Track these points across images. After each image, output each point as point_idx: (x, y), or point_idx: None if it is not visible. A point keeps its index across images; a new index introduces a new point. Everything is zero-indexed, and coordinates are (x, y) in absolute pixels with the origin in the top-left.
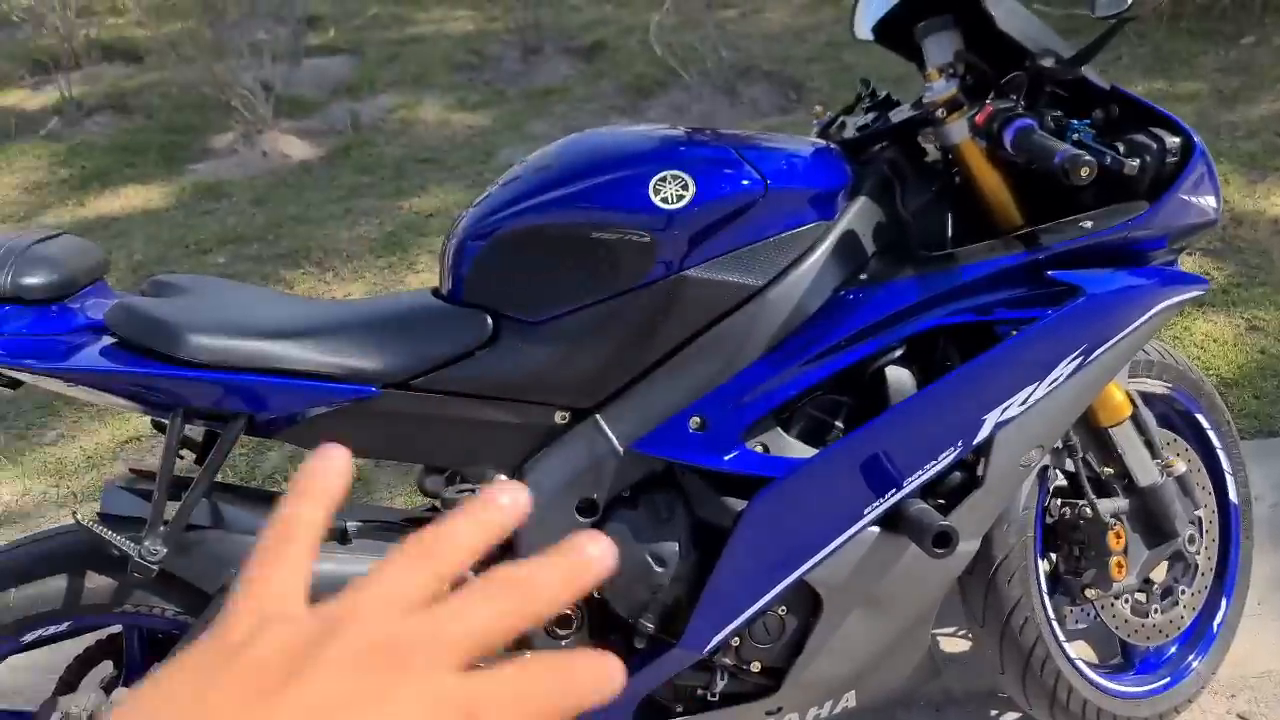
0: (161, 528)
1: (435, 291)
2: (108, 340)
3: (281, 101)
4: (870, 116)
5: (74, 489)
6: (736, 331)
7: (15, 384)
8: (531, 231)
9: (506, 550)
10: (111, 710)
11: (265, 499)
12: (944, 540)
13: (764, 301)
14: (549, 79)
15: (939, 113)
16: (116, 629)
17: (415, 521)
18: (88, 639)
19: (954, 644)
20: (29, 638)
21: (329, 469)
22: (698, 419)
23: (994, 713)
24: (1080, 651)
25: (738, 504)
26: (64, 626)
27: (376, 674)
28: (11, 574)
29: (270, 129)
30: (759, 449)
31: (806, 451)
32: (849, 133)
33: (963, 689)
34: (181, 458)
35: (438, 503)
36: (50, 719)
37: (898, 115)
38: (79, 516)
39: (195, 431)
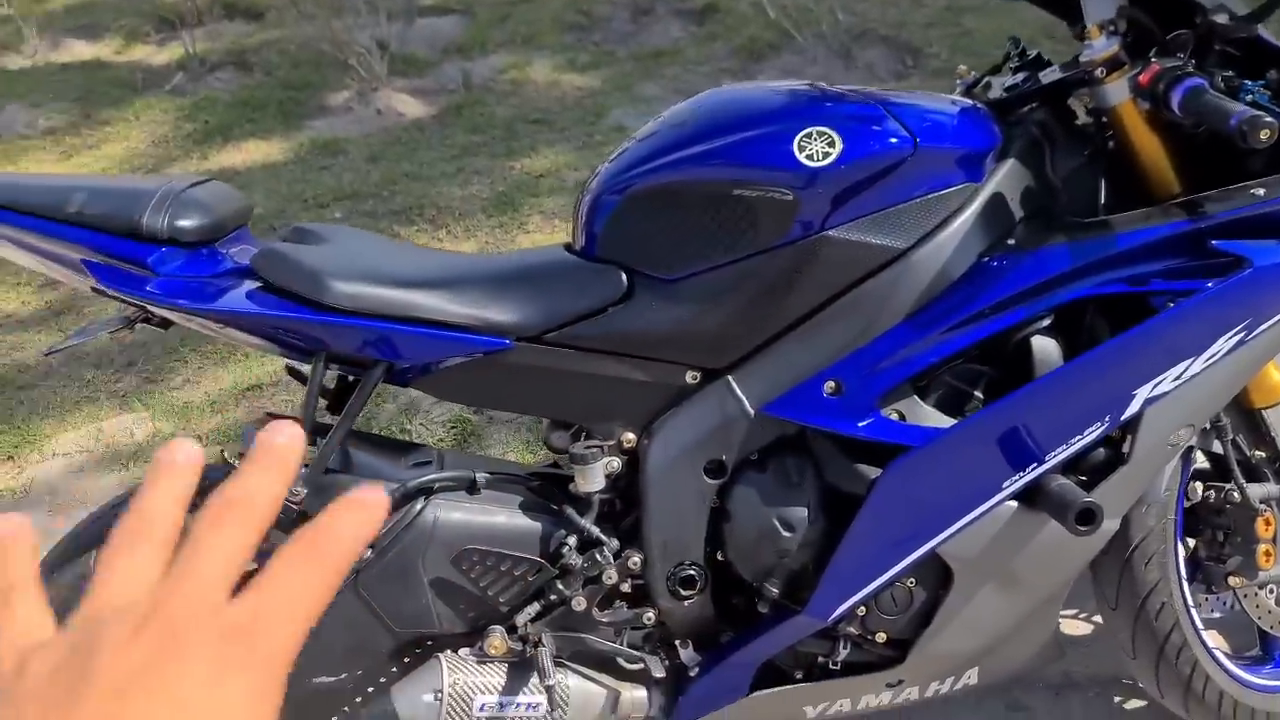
0: (303, 470)
1: (568, 247)
2: (254, 284)
3: (396, 60)
4: (1019, 77)
5: (200, 431)
6: (877, 295)
7: (166, 324)
8: (669, 187)
9: (632, 506)
10: None
11: (396, 447)
12: (1088, 518)
13: (907, 265)
14: (660, 41)
15: (1098, 72)
16: (250, 566)
17: (541, 477)
18: None
19: (1076, 627)
20: None
21: (177, 459)
22: (833, 383)
23: (1116, 699)
24: (1215, 641)
25: (871, 472)
26: None
27: (154, 660)
28: None
29: (385, 87)
30: (894, 416)
31: (944, 421)
32: (995, 93)
33: (1084, 673)
34: (305, 405)
35: (564, 458)
36: None
37: (1048, 76)
38: (226, 455)
39: (328, 379)
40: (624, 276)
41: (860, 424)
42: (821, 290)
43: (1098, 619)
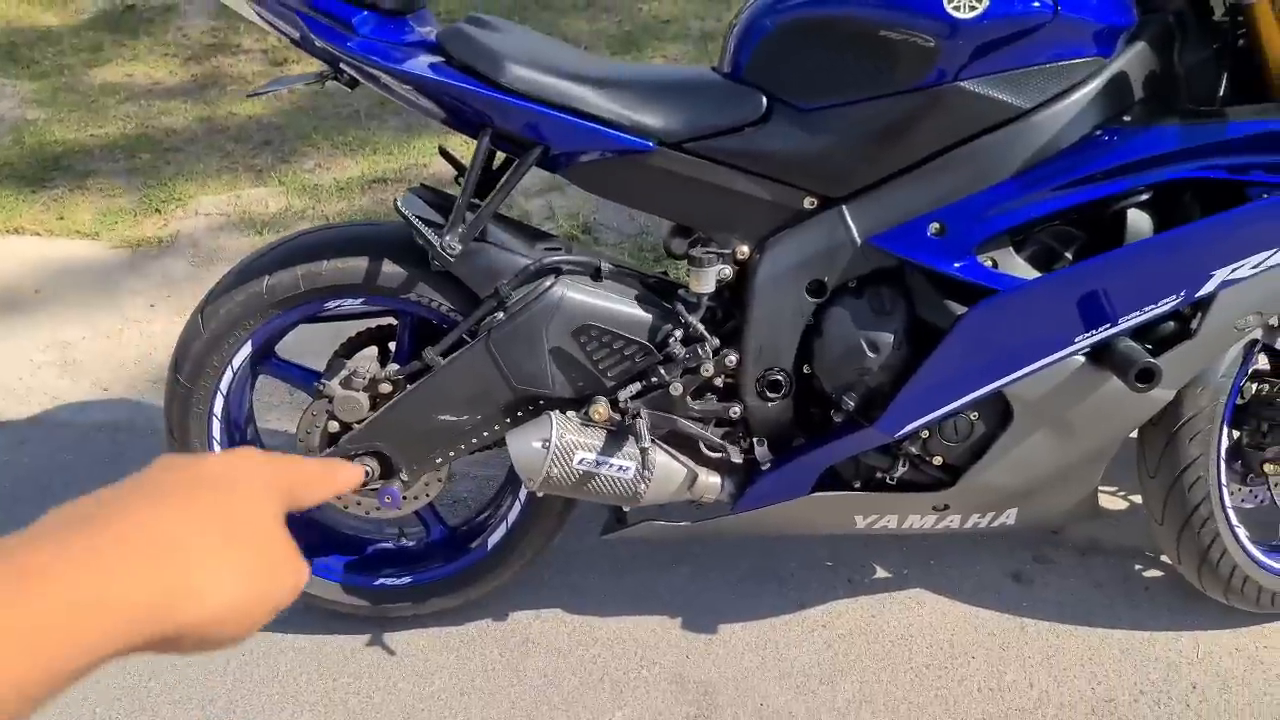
0: (460, 228)
1: (715, 69)
2: (438, 57)
3: None
4: None
5: (328, 211)
6: (994, 149)
7: (354, 83)
8: (821, 21)
9: (735, 312)
10: (384, 374)
11: (532, 232)
12: (1147, 376)
13: (1027, 125)
14: None
15: None
16: (389, 321)
17: (656, 279)
18: (361, 325)
19: (1112, 501)
20: (331, 305)
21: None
22: (938, 225)
23: (1137, 567)
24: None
25: (958, 309)
26: (358, 302)
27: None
28: (330, 247)
29: None
30: (988, 263)
31: (1032, 273)
32: None
33: (1111, 541)
34: (468, 173)
35: (679, 265)
36: (338, 375)
37: None
38: (399, 205)
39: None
40: (764, 100)
41: (956, 265)
42: (944, 137)
43: (1135, 498)
